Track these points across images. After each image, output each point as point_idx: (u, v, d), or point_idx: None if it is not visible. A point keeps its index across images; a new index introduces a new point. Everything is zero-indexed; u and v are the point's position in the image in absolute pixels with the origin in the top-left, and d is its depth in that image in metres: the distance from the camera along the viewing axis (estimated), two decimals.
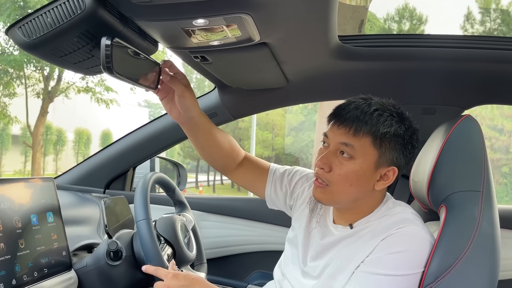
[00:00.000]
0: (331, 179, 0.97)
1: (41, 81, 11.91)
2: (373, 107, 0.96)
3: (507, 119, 15.33)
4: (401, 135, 0.96)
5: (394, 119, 0.97)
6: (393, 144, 0.96)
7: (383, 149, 0.96)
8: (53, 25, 0.79)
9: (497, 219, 0.94)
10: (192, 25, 0.85)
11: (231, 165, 1.26)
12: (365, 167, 0.96)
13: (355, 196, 0.99)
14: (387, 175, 0.98)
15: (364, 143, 0.95)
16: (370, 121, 0.95)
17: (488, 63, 1.28)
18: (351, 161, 0.96)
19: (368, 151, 0.95)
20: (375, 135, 0.94)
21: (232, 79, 1.39)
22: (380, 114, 0.95)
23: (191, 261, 1.31)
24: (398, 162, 0.98)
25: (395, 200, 1.06)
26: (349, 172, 0.96)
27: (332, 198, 1.00)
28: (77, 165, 1.84)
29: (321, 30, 1.04)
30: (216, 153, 1.21)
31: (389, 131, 0.95)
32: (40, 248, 1.00)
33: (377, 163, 0.96)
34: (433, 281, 0.86)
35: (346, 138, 0.96)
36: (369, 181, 0.97)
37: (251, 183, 1.29)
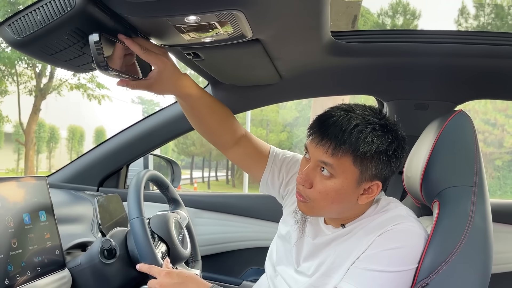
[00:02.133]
0: (312, 196, 0.95)
1: (33, 78, 11.82)
2: (353, 123, 0.90)
3: (500, 113, 15.44)
4: (384, 151, 0.91)
5: (377, 133, 0.91)
6: (376, 161, 0.91)
7: (365, 167, 0.91)
8: (43, 23, 0.78)
9: (489, 213, 0.94)
10: (183, 22, 0.84)
11: (228, 141, 1.21)
12: (346, 185, 0.92)
13: (338, 210, 0.97)
14: (371, 189, 0.94)
15: (344, 162, 0.90)
16: (349, 140, 0.89)
17: (480, 58, 1.29)
18: (331, 180, 0.92)
19: (349, 169, 0.91)
20: (355, 154, 0.89)
21: (225, 75, 1.39)
22: (360, 131, 0.89)
23: (186, 259, 1.31)
24: (382, 176, 0.94)
25: (386, 197, 1.05)
26: (329, 190, 0.92)
27: (314, 212, 0.98)
28: (70, 163, 1.83)
29: (313, 26, 1.03)
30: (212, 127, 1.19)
31: (370, 149, 0.89)
32: (33, 247, 1.00)
33: (359, 179, 0.92)
34: (427, 276, 0.87)
35: (325, 157, 0.91)
36: (351, 197, 0.94)
37: (248, 165, 1.25)
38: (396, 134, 0.94)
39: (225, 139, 1.21)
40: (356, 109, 0.94)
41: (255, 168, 1.23)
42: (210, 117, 1.16)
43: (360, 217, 1.00)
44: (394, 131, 0.94)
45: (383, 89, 1.51)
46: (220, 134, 1.21)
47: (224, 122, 1.19)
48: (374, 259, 0.91)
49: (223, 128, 1.19)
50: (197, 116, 1.17)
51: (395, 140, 0.93)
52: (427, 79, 1.41)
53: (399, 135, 0.95)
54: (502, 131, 15.63)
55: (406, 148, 0.98)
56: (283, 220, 1.20)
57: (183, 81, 1.06)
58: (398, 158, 0.94)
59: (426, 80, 1.42)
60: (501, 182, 15.68)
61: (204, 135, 1.23)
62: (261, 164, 1.22)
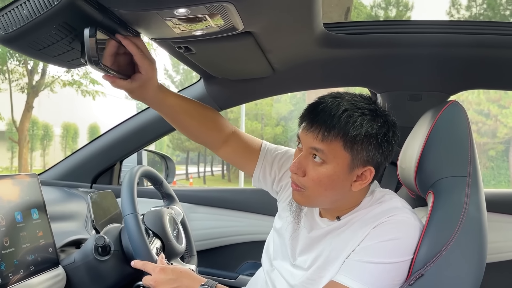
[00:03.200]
0: (306, 184, 0.95)
1: (25, 75, 11.71)
2: (342, 107, 0.91)
3: (493, 103, 15.52)
4: (374, 135, 0.91)
5: (366, 117, 0.91)
6: (366, 145, 0.91)
7: (355, 151, 0.91)
8: (30, 17, 0.77)
9: (483, 203, 0.95)
10: (173, 14, 0.83)
11: (215, 141, 1.21)
12: (338, 170, 0.92)
13: (332, 198, 0.97)
14: (364, 175, 0.94)
15: (335, 147, 0.91)
16: (338, 125, 0.90)
17: (473, 48, 1.29)
18: (323, 166, 0.92)
19: (340, 154, 0.91)
20: (345, 139, 0.90)
21: (217, 69, 1.38)
22: (349, 115, 0.90)
23: (181, 254, 1.31)
24: (374, 161, 0.94)
25: (381, 188, 1.06)
26: (322, 177, 0.93)
27: (309, 201, 0.98)
28: (63, 160, 1.82)
29: (305, 17, 1.02)
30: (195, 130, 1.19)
31: (359, 132, 0.90)
32: (26, 245, 0.99)
33: (351, 165, 0.92)
34: (422, 266, 0.87)
35: (315, 143, 0.92)
36: (344, 184, 0.94)
37: (239, 162, 1.25)
38: (385, 118, 0.95)
39: (212, 139, 1.21)
40: (345, 96, 0.95)
41: (247, 165, 1.23)
42: (191, 122, 1.16)
43: (355, 209, 1.00)
44: (383, 116, 0.94)
45: (376, 81, 1.51)
46: (205, 136, 1.21)
47: (207, 124, 1.19)
48: (370, 251, 0.91)
49: (207, 129, 1.19)
50: (178, 122, 1.17)
51: (384, 124, 0.94)
52: (420, 70, 1.41)
53: (388, 119, 0.95)
54: (496, 122, 15.72)
55: (397, 133, 0.97)
56: (278, 214, 1.20)
57: (162, 93, 1.07)
58: (389, 142, 0.94)
59: (419, 71, 1.42)
60: (495, 172, 15.80)
61: (191, 137, 1.23)
62: (252, 161, 1.21)
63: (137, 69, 0.98)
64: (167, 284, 0.94)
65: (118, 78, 0.96)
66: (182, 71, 21.98)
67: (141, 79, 0.99)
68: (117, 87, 0.98)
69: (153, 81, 1.01)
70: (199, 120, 1.17)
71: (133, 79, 0.98)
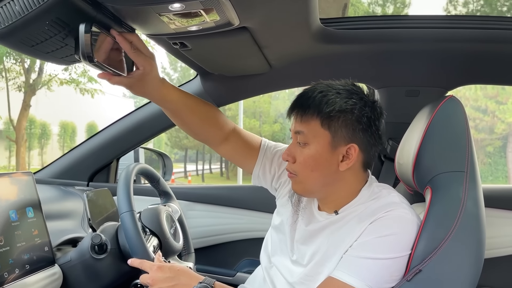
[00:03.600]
0: (296, 169, 1.00)
1: (22, 74, 11.67)
2: (317, 90, 0.97)
3: (490, 99, 15.53)
4: (349, 110, 0.94)
5: (340, 96, 0.95)
6: (342, 121, 0.94)
7: (333, 128, 0.95)
8: (22, 13, 0.76)
9: (481, 198, 0.94)
10: (167, 10, 0.82)
11: (215, 139, 1.22)
12: (320, 150, 0.96)
13: (322, 181, 0.98)
14: (348, 153, 0.96)
15: (314, 127, 0.96)
16: (313, 104, 0.95)
17: (471, 43, 1.28)
18: (306, 148, 0.97)
19: (319, 133, 0.96)
20: (321, 116, 0.94)
21: (213, 65, 1.37)
22: (324, 95, 0.96)
23: (178, 252, 1.30)
24: (355, 138, 0.96)
25: (379, 183, 1.05)
26: (306, 158, 0.97)
27: (303, 187, 1.01)
28: (59, 158, 1.81)
29: (301, 12, 1.02)
30: (197, 127, 1.19)
31: (333, 108, 0.94)
32: (21, 244, 0.98)
33: (332, 143, 0.95)
34: (420, 262, 0.87)
35: (297, 126, 0.98)
36: (329, 163, 0.96)
37: (239, 160, 1.26)
38: (361, 96, 0.98)
39: (212, 137, 1.21)
40: (324, 82, 1.01)
41: (247, 162, 1.23)
42: (192, 118, 1.17)
43: (352, 202, 1.00)
44: (359, 93, 0.98)
45: (374, 76, 1.50)
46: (206, 133, 1.21)
47: (208, 120, 1.19)
48: (367, 247, 0.90)
49: (208, 126, 1.19)
50: (179, 118, 1.17)
51: (360, 100, 0.96)
52: (417, 65, 1.40)
53: (364, 97, 0.98)
54: (493, 118, 15.75)
55: (378, 110, 0.99)
56: (277, 211, 1.20)
57: (163, 88, 1.07)
58: (369, 118, 0.96)
59: (417, 66, 1.41)
60: (492, 168, 15.84)
61: (191, 134, 1.23)
62: (252, 158, 1.22)
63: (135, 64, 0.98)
64: (164, 282, 0.93)
65: (113, 75, 0.95)
66: (179, 69, 21.97)
67: (138, 74, 0.98)
68: (114, 84, 0.97)
69: (151, 75, 1.00)
70: (200, 116, 1.17)
71: (131, 74, 0.98)
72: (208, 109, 1.20)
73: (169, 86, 1.09)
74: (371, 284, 0.87)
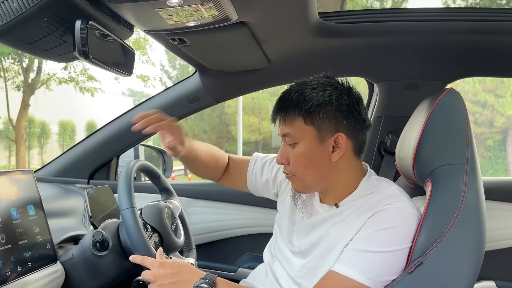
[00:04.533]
0: (292, 169, 1.02)
1: (20, 73, 11.63)
2: (294, 90, 1.00)
3: (489, 93, 15.51)
4: (327, 102, 0.97)
5: (315, 90, 0.98)
6: (323, 113, 0.97)
7: (317, 123, 0.97)
8: (20, 10, 0.76)
9: (482, 191, 0.94)
10: (165, 5, 0.82)
11: (218, 174, 1.32)
12: (309, 145, 0.98)
13: (318, 175, 1.00)
14: (337, 143, 0.98)
15: (298, 126, 0.98)
16: (292, 104, 0.98)
17: (470, 35, 1.28)
18: (296, 147, 1.00)
19: (304, 130, 0.98)
20: (302, 114, 0.97)
21: (212, 61, 1.37)
22: (300, 94, 0.98)
23: (179, 248, 1.30)
24: (340, 127, 0.98)
25: (378, 176, 1.06)
26: (298, 157, 0.99)
27: (302, 185, 1.03)
28: (59, 157, 1.81)
29: (299, 6, 1.01)
30: (204, 170, 1.29)
31: (311, 104, 0.96)
32: (22, 242, 0.98)
33: (319, 137, 0.98)
34: (421, 254, 0.87)
35: (283, 129, 1.01)
36: (321, 157, 0.99)
37: (237, 183, 1.33)
38: (335, 86, 1.00)
39: (214, 174, 1.32)
40: (299, 81, 1.04)
41: (242, 180, 1.31)
42: (199, 166, 1.26)
43: (352, 195, 1.01)
44: (333, 84, 1.00)
45: (373, 70, 1.50)
46: (209, 173, 1.31)
47: (212, 164, 1.29)
48: (367, 240, 0.91)
49: (211, 168, 1.30)
50: (193, 169, 1.28)
51: (335, 90, 0.99)
52: (416, 59, 1.40)
53: (339, 86, 1.01)
54: (492, 111, 15.72)
55: (355, 95, 1.01)
56: (279, 207, 1.22)
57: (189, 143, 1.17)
58: (348, 105, 0.98)
59: (416, 60, 1.41)
60: (492, 161, 15.84)
61: (196, 174, 1.32)
62: (245, 174, 1.29)
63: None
64: (166, 278, 0.93)
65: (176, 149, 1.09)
66: (178, 66, 21.90)
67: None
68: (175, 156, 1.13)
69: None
70: (207, 165, 1.28)
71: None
72: (208, 150, 1.28)
73: (189, 140, 1.18)
74: (372, 277, 0.88)
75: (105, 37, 0.90)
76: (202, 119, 18.60)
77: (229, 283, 0.95)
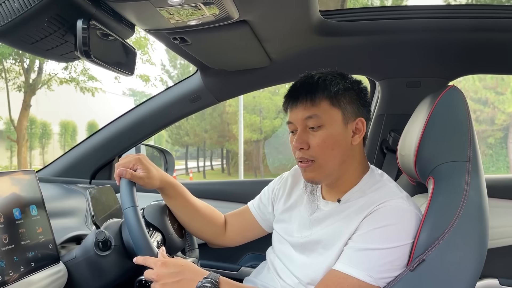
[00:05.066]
0: (313, 154, 1.01)
1: (21, 74, 11.65)
2: (315, 77, 1.03)
3: (490, 90, 15.48)
4: (351, 88, 1.03)
5: (337, 78, 1.03)
6: (348, 98, 1.02)
7: (342, 105, 1.01)
8: (21, 10, 0.76)
9: (484, 187, 0.94)
10: (166, 4, 0.82)
11: (219, 230, 1.31)
12: (336, 127, 1.00)
13: (340, 158, 1.02)
14: (357, 128, 1.03)
15: (324, 107, 1.00)
16: (319, 87, 1.01)
17: (471, 32, 1.27)
18: (321, 129, 1.00)
19: (332, 113, 1.00)
20: (330, 96, 1.00)
21: (213, 60, 1.36)
22: (324, 79, 1.02)
23: (182, 247, 1.30)
24: (361, 112, 1.04)
25: (382, 172, 1.07)
26: (325, 138, 0.99)
27: (321, 171, 1.02)
28: (61, 157, 1.81)
29: (301, 4, 1.01)
30: (202, 221, 1.28)
31: (339, 88, 1.01)
32: (25, 242, 0.98)
33: (344, 120, 1.01)
34: (423, 252, 0.87)
35: (307, 111, 1.00)
36: (345, 139, 1.01)
37: (247, 235, 1.33)
38: (351, 78, 1.07)
39: (218, 231, 1.32)
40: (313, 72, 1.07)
41: (255, 229, 1.32)
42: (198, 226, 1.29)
43: (354, 189, 1.03)
44: (350, 76, 1.07)
45: (375, 68, 1.50)
46: (207, 233, 1.31)
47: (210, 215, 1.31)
48: (366, 238, 0.92)
49: (211, 222, 1.30)
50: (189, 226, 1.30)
51: (354, 81, 1.06)
52: (418, 56, 1.40)
53: (353, 79, 1.07)
54: (494, 109, 15.69)
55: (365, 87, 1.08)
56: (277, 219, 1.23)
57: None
58: (364, 94, 1.06)
59: (417, 57, 1.40)
60: (494, 159, 15.81)
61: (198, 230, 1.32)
62: (254, 222, 1.31)
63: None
64: (169, 277, 0.94)
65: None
66: (179, 66, 21.91)
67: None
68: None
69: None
70: (203, 208, 1.30)
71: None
72: (204, 204, 1.31)
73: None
74: (372, 274, 0.88)
75: (107, 36, 0.90)
76: (203, 119, 18.61)
77: (232, 283, 0.95)
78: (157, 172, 1.18)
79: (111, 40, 0.92)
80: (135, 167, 1.12)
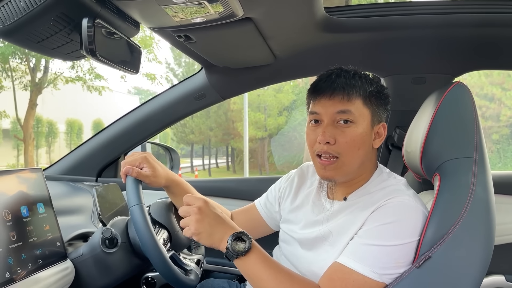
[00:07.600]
0: (339, 150, 0.98)
1: (27, 73, 11.71)
2: (350, 72, 1.01)
3: (496, 86, 15.36)
4: (380, 91, 1.02)
5: (368, 78, 1.01)
6: (378, 100, 1.01)
7: (372, 107, 1.00)
8: (27, 9, 0.76)
9: (491, 184, 0.93)
10: (171, 2, 0.82)
11: None
12: (365, 127, 0.99)
13: (362, 159, 1.01)
14: (378, 132, 1.02)
15: (358, 105, 0.98)
16: (357, 83, 0.98)
17: (477, 27, 1.27)
18: (352, 126, 0.97)
19: (363, 112, 0.98)
20: (364, 96, 0.98)
21: (218, 58, 1.37)
22: (360, 76, 1.00)
23: (188, 244, 1.31)
24: (383, 117, 1.03)
25: (390, 171, 1.06)
26: (354, 137, 0.97)
27: (343, 170, 1.00)
28: (67, 155, 1.82)
29: (305, 1, 1.01)
30: None
31: (373, 89, 0.99)
32: (33, 239, 0.99)
33: (372, 121, 1.00)
34: (429, 249, 0.87)
35: (342, 105, 0.97)
36: (369, 141, 1.01)
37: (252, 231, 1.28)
38: (379, 82, 1.05)
39: None
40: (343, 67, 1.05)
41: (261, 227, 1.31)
42: None
43: (362, 187, 1.02)
44: (378, 79, 1.05)
45: (380, 65, 1.49)
46: None
47: None
48: (372, 234, 0.91)
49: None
50: None
51: (382, 86, 1.04)
52: (423, 52, 1.39)
53: (381, 83, 1.05)
54: (500, 105, 15.57)
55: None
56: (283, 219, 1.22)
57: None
58: (388, 99, 1.04)
59: (423, 53, 1.40)
60: (500, 155, 15.70)
61: None
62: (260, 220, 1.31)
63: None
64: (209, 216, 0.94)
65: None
66: (184, 64, 21.93)
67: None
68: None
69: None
70: None
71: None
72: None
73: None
74: (377, 270, 0.88)
75: (112, 35, 0.90)
76: (208, 116, 18.63)
77: (263, 253, 0.95)
78: (163, 170, 1.18)
79: (116, 38, 0.92)
80: (141, 165, 1.13)
